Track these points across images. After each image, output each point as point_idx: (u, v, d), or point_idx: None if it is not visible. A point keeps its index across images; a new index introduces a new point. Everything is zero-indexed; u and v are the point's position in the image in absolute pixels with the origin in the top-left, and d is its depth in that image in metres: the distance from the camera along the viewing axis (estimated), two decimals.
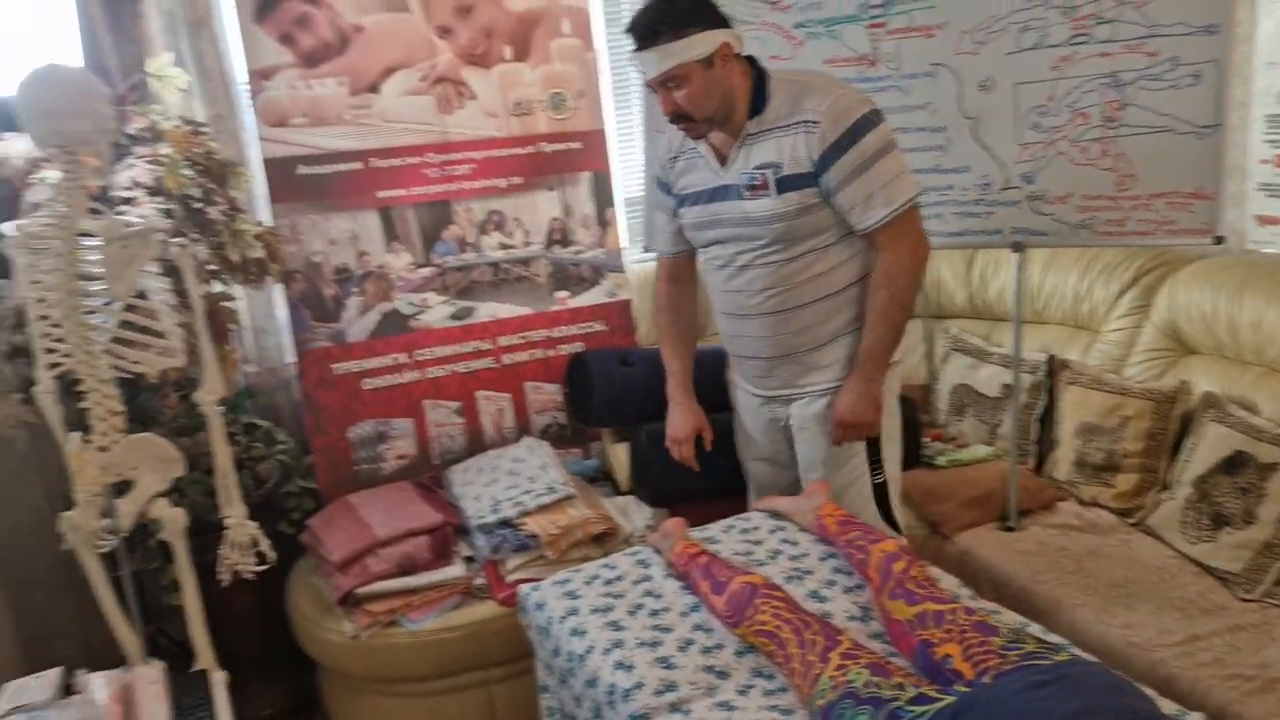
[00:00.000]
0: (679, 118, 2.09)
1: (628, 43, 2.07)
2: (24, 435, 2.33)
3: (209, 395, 1.88)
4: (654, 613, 1.89)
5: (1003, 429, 2.93)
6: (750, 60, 2.16)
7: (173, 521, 1.91)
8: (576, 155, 3.05)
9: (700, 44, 2.00)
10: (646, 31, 2.01)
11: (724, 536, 2.14)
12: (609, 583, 2.00)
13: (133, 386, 2.55)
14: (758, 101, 2.11)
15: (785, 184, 2.08)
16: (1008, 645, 1.50)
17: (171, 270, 2.18)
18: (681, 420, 2.45)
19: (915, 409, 2.90)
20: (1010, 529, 2.61)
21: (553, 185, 3.04)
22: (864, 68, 2.65)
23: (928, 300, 3.28)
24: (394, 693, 2.47)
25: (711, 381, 2.59)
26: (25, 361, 2.15)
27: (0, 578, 2.78)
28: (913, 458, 2.86)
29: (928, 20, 2.52)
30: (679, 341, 2.48)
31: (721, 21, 2.06)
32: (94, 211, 1.78)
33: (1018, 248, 2.55)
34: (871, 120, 2.06)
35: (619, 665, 1.74)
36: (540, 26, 2.96)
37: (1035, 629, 1.77)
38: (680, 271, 2.45)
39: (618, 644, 1.80)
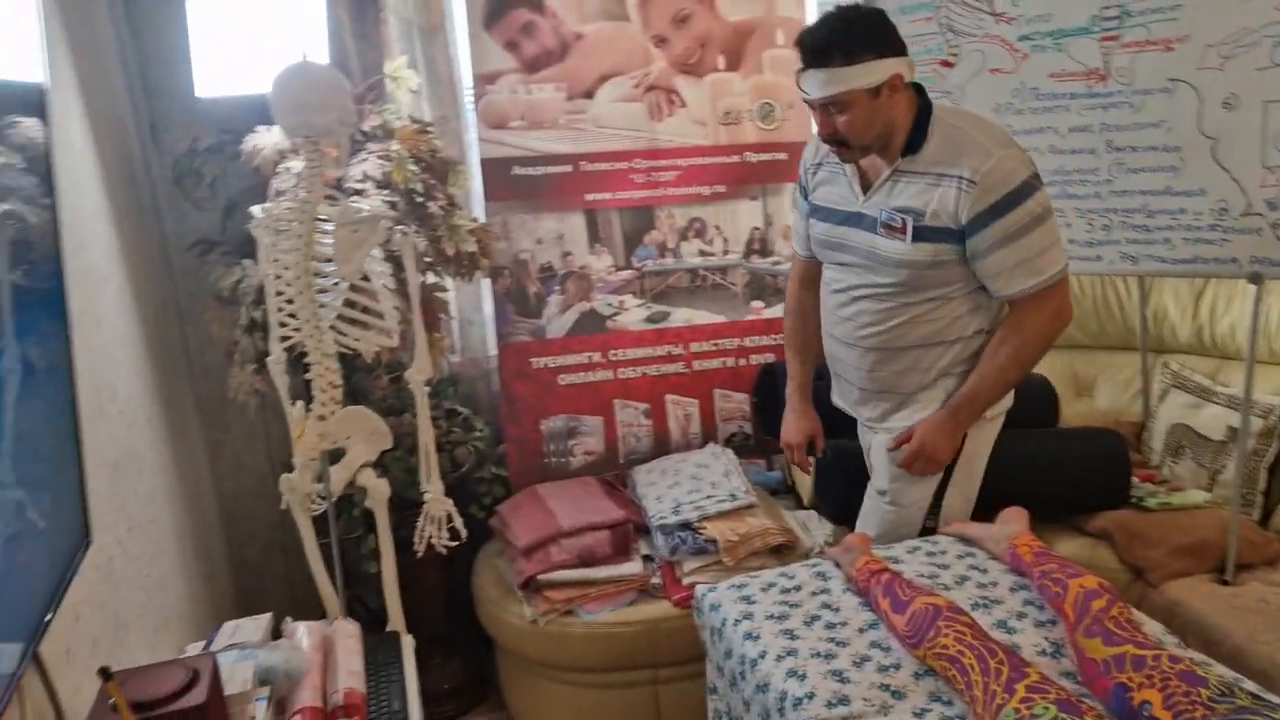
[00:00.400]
0: (834, 141, 2.00)
1: None
2: (255, 404, 2.53)
3: (418, 375, 1.98)
4: (830, 625, 1.85)
5: (1225, 475, 2.71)
6: (918, 89, 2.03)
7: (377, 490, 2.03)
8: (782, 166, 3.05)
9: (871, 73, 1.89)
10: (817, 51, 1.90)
11: (908, 557, 2.07)
12: (785, 591, 1.98)
13: (349, 366, 2.74)
14: (916, 137, 1.99)
15: (922, 233, 1.98)
16: (1217, 698, 1.38)
17: (392, 258, 2.34)
18: (795, 425, 2.42)
19: (1125, 445, 2.72)
20: (1226, 583, 2.40)
21: (756, 195, 3.05)
22: (1092, 83, 2.52)
23: (1147, 333, 3.07)
24: (565, 680, 2.53)
25: None
26: (261, 335, 2.34)
27: (225, 534, 3.03)
28: (1120, 498, 2.69)
29: (1168, 33, 2.37)
30: (803, 347, 2.41)
31: (899, 48, 1.94)
32: (330, 199, 1.92)
33: (1256, 279, 2.36)
34: (1032, 186, 1.93)
35: (791, 673, 1.72)
36: (754, 37, 2.98)
37: (1250, 685, 1.62)
38: (813, 276, 2.35)
39: (791, 652, 1.77)
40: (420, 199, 2.58)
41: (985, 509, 2.28)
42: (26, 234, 1.32)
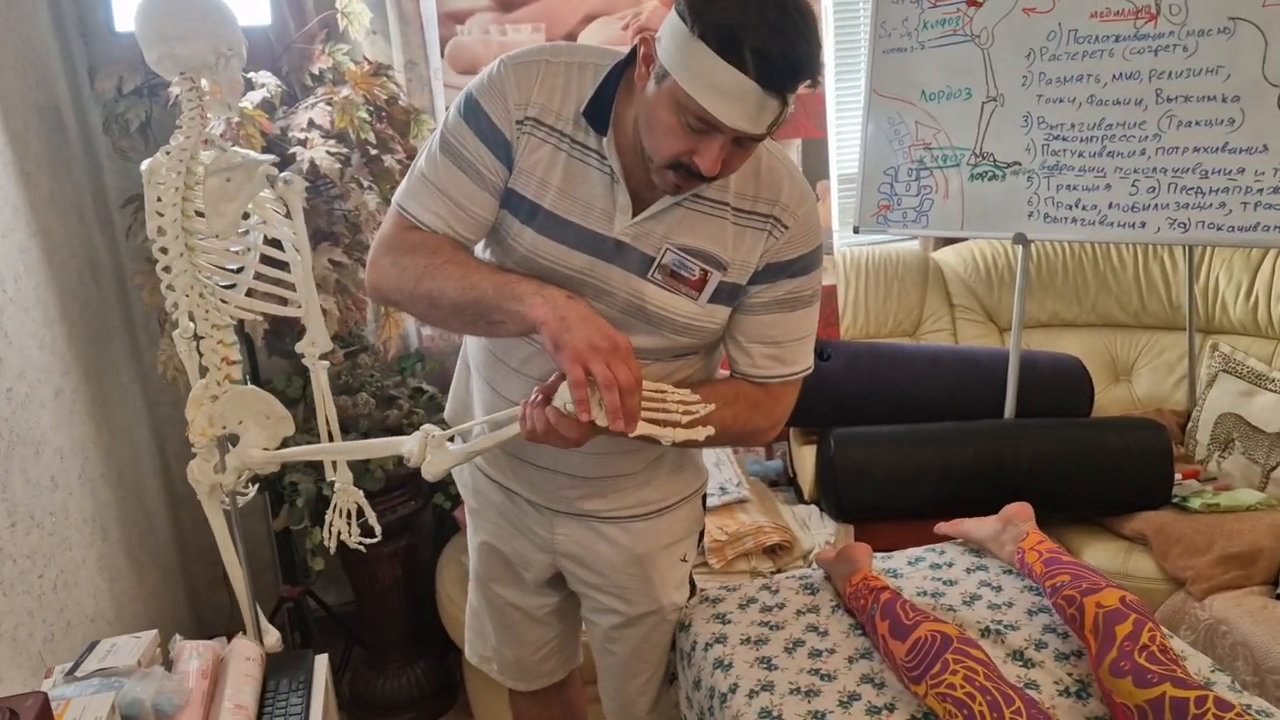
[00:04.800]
0: (699, 177, 1.24)
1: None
2: (186, 381, 2.28)
3: (311, 348, 1.69)
4: (815, 653, 1.57)
5: None
6: None
7: (257, 465, 1.72)
8: (788, 120, 2.73)
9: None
10: (793, 71, 1.17)
11: (909, 570, 1.79)
12: (767, 609, 1.70)
13: (299, 339, 2.48)
14: None
15: (720, 293, 1.39)
16: None
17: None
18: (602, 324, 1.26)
19: (1167, 438, 2.42)
20: None
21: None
22: (1140, 22, 2.20)
23: (1195, 311, 2.75)
24: None
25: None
26: None
27: (176, 521, 2.80)
28: (1160, 497, 2.40)
29: None
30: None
31: None
32: (208, 144, 1.63)
33: None
34: (822, 252, 1.45)
35: (764, 713, 1.45)
36: None
37: None
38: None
39: (767, 686, 1.50)
40: (374, 150, 2.31)
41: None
42: None
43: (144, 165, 1.59)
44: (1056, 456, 2.40)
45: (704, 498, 1.69)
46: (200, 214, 1.53)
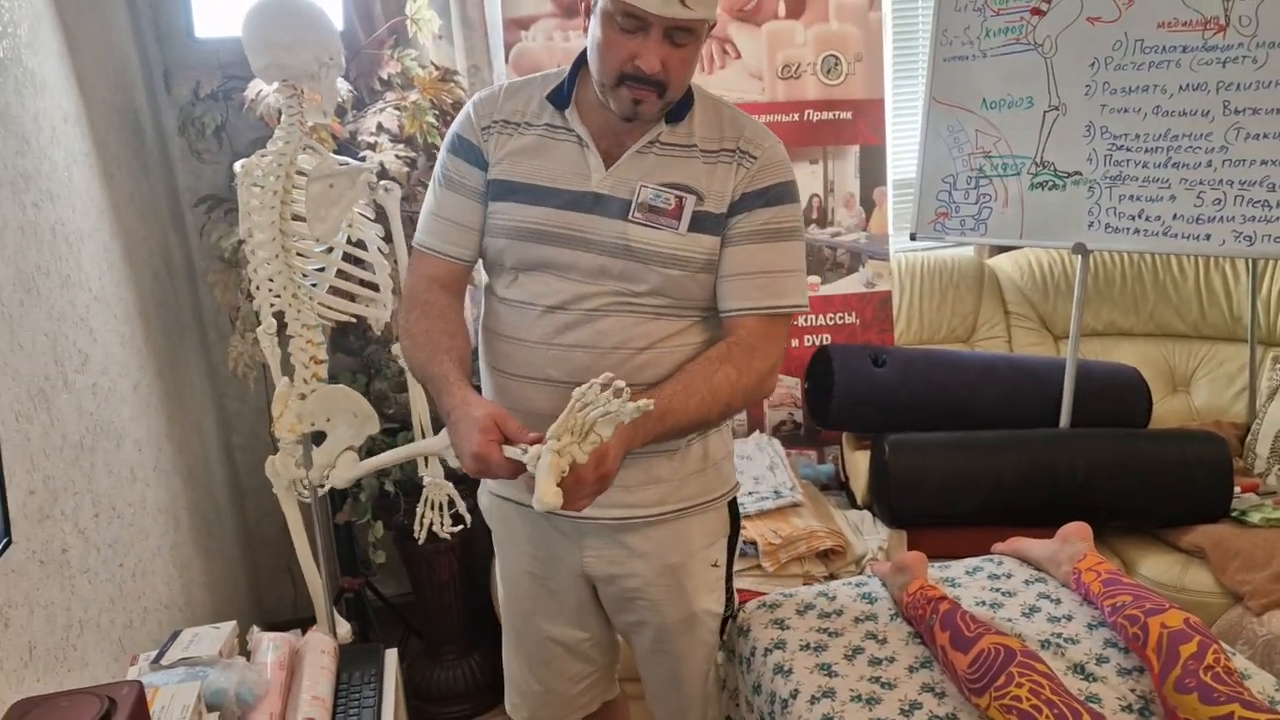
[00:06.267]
0: (650, 84, 1.38)
1: (917, 5, 1.66)
2: (255, 377, 2.35)
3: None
4: (875, 661, 1.60)
5: None
6: None
7: (345, 480, 1.77)
8: (846, 126, 2.75)
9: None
10: None
11: (967, 580, 1.80)
12: (825, 616, 1.73)
13: (362, 338, 2.54)
14: (680, 106, 1.48)
15: (701, 221, 1.47)
16: None
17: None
18: (478, 414, 1.33)
19: (1227, 451, 2.40)
20: None
21: (816, 158, 2.76)
22: (1209, 34, 2.18)
23: (1257, 323, 2.72)
24: None
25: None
26: None
27: (240, 510, 2.87)
28: (1218, 510, 2.38)
29: None
30: (462, 350, 1.50)
31: None
32: (310, 149, 1.69)
33: None
34: (796, 191, 1.53)
35: None
36: None
37: None
38: (458, 283, 1.59)
39: (828, 693, 1.53)
40: None
41: (1059, 521, 1.99)
42: None
43: (238, 165, 1.64)
44: (1113, 467, 2.39)
45: (734, 504, 1.68)
46: (298, 218, 1.58)
